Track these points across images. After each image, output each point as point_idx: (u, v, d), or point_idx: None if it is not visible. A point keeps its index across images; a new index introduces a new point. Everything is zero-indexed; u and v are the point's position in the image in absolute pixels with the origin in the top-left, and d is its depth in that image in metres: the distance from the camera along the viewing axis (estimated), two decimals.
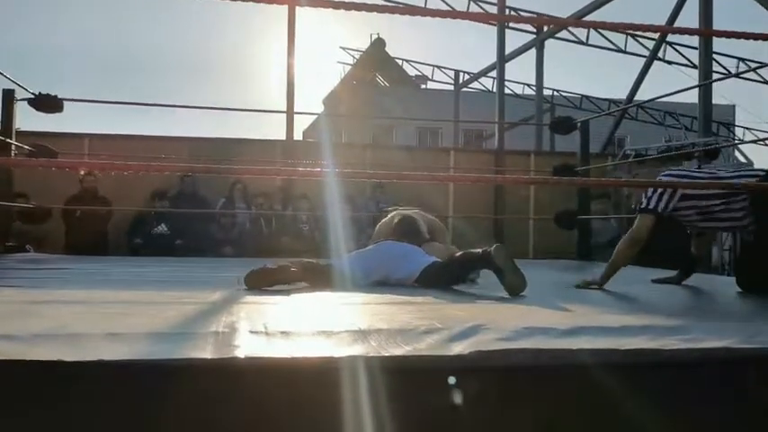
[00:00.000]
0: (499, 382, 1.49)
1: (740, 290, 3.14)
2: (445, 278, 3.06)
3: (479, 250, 2.94)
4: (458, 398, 1.42)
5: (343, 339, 1.58)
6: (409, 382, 1.43)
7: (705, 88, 9.19)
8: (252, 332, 1.61)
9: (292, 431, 1.38)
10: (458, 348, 1.50)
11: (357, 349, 1.49)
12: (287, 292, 2.76)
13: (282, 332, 1.62)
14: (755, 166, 9.63)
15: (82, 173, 7.00)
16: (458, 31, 40.65)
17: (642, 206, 3.17)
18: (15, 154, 5.36)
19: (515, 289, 2.75)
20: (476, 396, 1.46)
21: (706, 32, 7.89)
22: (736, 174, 3.31)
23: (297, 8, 7.48)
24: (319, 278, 2.99)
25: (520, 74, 19.24)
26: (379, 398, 1.39)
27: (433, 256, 3.22)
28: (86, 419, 1.32)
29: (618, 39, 16.86)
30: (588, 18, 13.29)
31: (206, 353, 1.40)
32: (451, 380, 1.43)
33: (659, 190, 3.14)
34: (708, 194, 3.06)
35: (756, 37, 2.65)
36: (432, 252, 3.34)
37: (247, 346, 1.46)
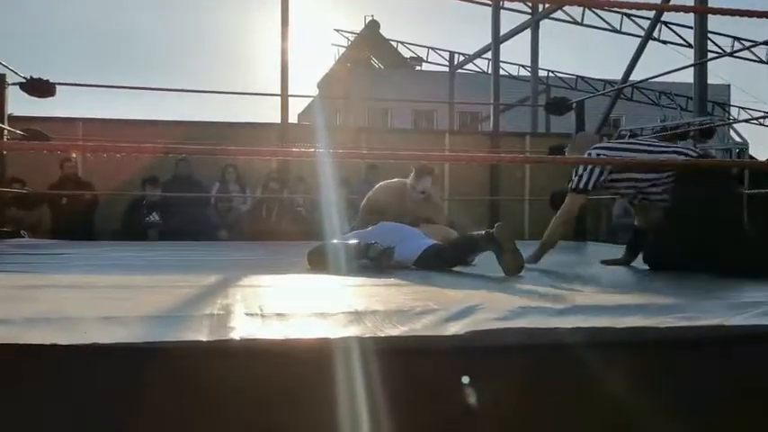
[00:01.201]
0: (495, 362, 1.49)
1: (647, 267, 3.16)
2: (444, 261, 3.07)
3: (482, 232, 2.95)
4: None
5: (338, 321, 1.58)
6: (405, 362, 1.43)
7: (700, 68, 9.16)
8: (247, 314, 1.61)
9: (289, 412, 1.38)
10: (454, 328, 1.50)
11: (353, 330, 1.49)
12: (283, 273, 2.76)
13: (278, 314, 1.61)
14: (749, 147, 9.65)
15: (73, 155, 6.95)
16: (452, 12, 40.42)
17: (573, 186, 3.25)
18: (8, 139, 5.33)
19: (513, 269, 2.76)
20: (472, 376, 1.46)
21: (701, 9, 7.85)
22: (671, 150, 3.29)
23: None
24: (321, 261, 3.01)
25: (515, 55, 19.17)
26: (375, 379, 1.39)
27: (431, 239, 3.22)
28: (82, 402, 1.32)
29: (613, 19, 16.78)
30: None
31: (201, 335, 1.40)
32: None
33: (588, 168, 3.18)
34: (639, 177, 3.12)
35: (752, 14, 2.63)
36: (430, 233, 3.34)
37: (243, 329, 1.46)
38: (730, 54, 14.65)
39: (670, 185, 3.06)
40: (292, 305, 1.82)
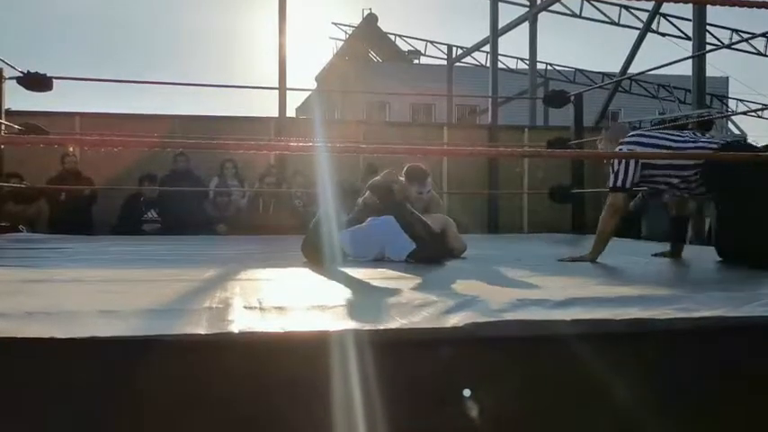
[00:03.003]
0: (494, 354, 1.49)
1: (720, 259, 3.17)
2: (438, 252, 3.07)
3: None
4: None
5: (337, 313, 1.58)
6: (404, 354, 1.43)
7: (699, 60, 9.14)
8: (246, 307, 1.61)
9: (288, 405, 1.38)
10: (453, 321, 1.50)
11: (352, 323, 1.48)
12: (282, 267, 2.76)
13: (277, 307, 1.62)
14: (747, 139, 9.64)
15: (71, 149, 6.92)
16: (450, 6, 40.34)
17: (611, 185, 3.25)
18: (5, 134, 5.32)
19: None
20: (471, 367, 1.46)
21: (700, 1, 7.81)
22: (701, 142, 3.23)
23: None
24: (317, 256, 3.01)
25: (513, 48, 19.06)
26: (374, 371, 1.39)
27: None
28: (80, 396, 1.32)
29: (611, 11, 16.75)
30: None
31: (200, 328, 1.39)
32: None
33: (623, 164, 3.18)
34: (673, 165, 3.11)
35: (750, 5, 2.63)
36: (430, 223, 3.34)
37: (242, 322, 1.46)
38: (729, 46, 14.64)
39: (709, 176, 3.04)
40: (291, 298, 1.82)
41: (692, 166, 3.07)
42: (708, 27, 11.93)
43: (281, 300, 1.74)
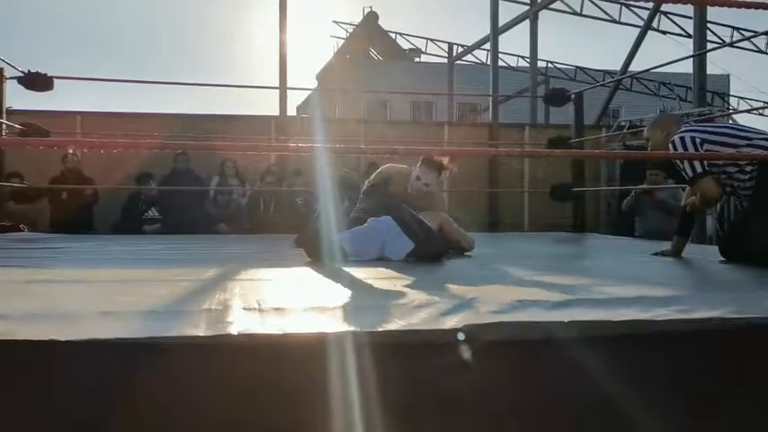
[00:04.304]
0: (493, 355, 1.49)
1: (723, 258, 3.15)
2: (437, 249, 3.08)
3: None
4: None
5: (336, 315, 1.58)
6: (403, 356, 1.44)
7: (699, 58, 9.13)
8: (245, 309, 1.61)
9: (287, 407, 1.39)
10: (452, 322, 1.50)
11: (351, 324, 1.49)
12: (281, 267, 2.76)
13: (276, 308, 1.62)
14: None
15: (70, 151, 6.92)
16: (451, 4, 40.30)
17: (694, 174, 3.09)
18: (6, 134, 5.33)
19: None
20: (469, 369, 1.46)
21: (700, 1, 7.81)
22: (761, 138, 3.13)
23: None
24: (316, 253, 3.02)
25: (514, 46, 19.10)
26: (373, 373, 1.39)
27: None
28: (79, 398, 1.32)
29: (612, 9, 16.73)
30: None
31: (199, 330, 1.40)
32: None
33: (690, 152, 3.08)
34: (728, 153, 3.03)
35: (749, 5, 2.63)
36: (427, 220, 3.34)
37: (241, 323, 1.46)
38: (730, 44, 14.60)
39: (756, 175, 2.98)
40: (290, 299, 1.82)
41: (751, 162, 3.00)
42: (709, 25, 11.91)
43: (281, 301, 1.75)
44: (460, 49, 20.37)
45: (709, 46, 11.23)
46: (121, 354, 1.33)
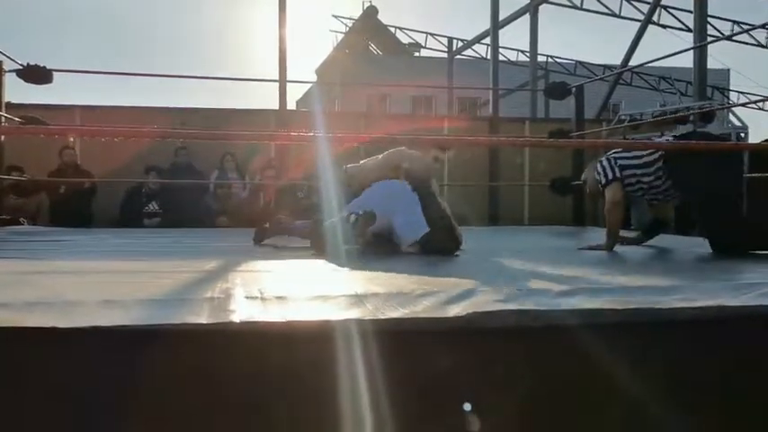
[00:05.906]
0: (496, 343, 1.49)
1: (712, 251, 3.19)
2: (449, 241, 3.06)
3: None
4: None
5: (339, 303, 1.58)
6: (406, 344, 1.43)
7: (700, 52, 9.12)
8: (247, 297, 1.61)
9: (290, 395, 1.38)
10: (455, 310, 1.50)
11: (354, 313, 1.48)
12: (283, 259, 2.75)
13: (278, 297, 1.61)
14: (749, 130, 9.63)
15: (71, 139, 6.90)
16: None
17: (603, 183, 3.44)
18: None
19: None
20: (472, 357, 1.46)
21: None
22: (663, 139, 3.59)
23: None
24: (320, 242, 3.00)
25: (514, 40, 18.99)
26: (376, 361, 1.39)
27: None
28: (82, 385, 1.32)
29: (612, 3, 16.70)
30: None
31: (202, 318, 1.39)
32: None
33: (603, 165, 3.44)
34: (640, 164, 3.33)
35: None
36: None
37: (243, 311, 1.46)
38: (730, 38, 14.60)
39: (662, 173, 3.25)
40: (292, 288, 1.82)
41: (655, 161, 3.27)
42: (709, 19, 11.88)
43: (282, 290, 1.74)
44: (460, 44, 20.34)
45: (710, 40, 11.22)
46: (123, 341, 1.33)
